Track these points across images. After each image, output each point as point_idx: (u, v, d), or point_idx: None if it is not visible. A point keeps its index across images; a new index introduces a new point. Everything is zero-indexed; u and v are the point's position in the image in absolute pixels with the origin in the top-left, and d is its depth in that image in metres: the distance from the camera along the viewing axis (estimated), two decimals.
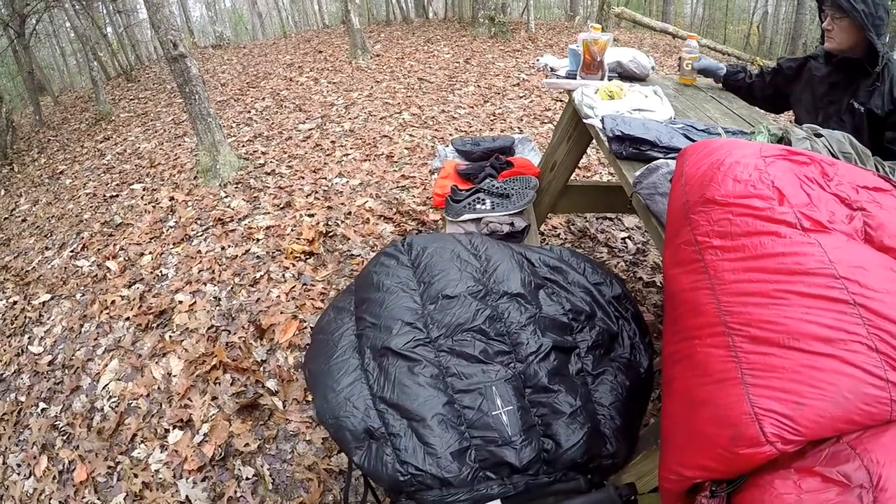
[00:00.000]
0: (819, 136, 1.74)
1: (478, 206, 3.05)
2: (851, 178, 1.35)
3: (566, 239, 4.48)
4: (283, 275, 4.10)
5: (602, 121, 2.37)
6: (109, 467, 2.93)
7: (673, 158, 2.05)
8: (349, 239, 4.49)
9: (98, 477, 2.90)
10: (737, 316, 1.12)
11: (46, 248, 5.55)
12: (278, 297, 3.87)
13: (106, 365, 3.59)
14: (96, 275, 4.63)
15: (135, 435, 3.06)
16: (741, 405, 1.04)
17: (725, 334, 1.12)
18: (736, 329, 1.11)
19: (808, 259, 1.11)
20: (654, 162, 1.93)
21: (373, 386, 1.55)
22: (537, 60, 3.71)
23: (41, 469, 3.06)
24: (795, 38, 18.81)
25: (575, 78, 3.19)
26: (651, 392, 1.79)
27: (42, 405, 3.48)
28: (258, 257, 4.36)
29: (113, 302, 4.15)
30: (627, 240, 4.47)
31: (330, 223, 4.71)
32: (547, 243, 4.28)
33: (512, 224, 2.95)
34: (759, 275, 1.14)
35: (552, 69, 3.48)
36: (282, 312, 3.69)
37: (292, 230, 4.66)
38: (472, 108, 7.96)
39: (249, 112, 8.55)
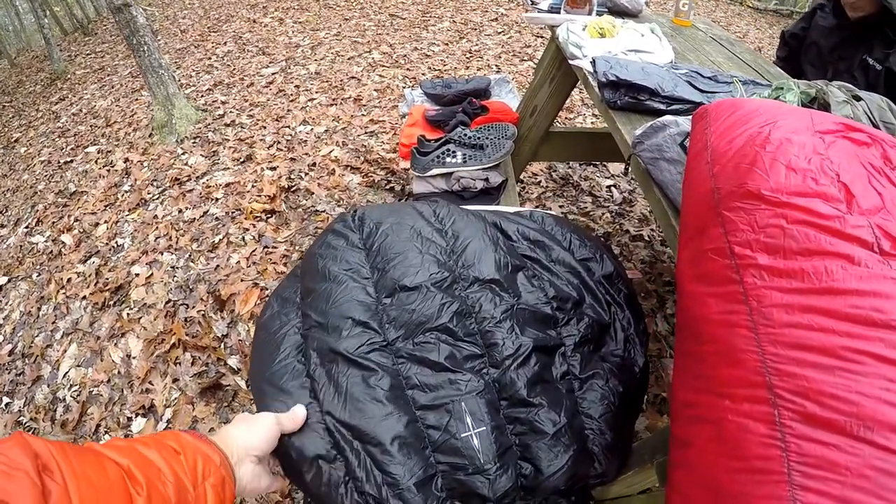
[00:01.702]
0: (858, 98, 1.43)
1: (448, 160, 2.77)
2: None
3: (547, 187, 4.28)
4: (243, 237, 3.93)
5: (593, 62, 2.08)
6: None
7: (676, 113, 1.79)
8: (313, 193, 4.31)
9: None
10: (788, 379, 0.79)
11: (2, 226, 5.42)
12: (238, 262, 3.70)
13: (65, 351, 3.47)
14: (51, 251, 4.47)
15: (98, 425, 2.95)
16: None
17: (770, 403, 0.80)
18: (786, 399, 0.79)
19: (893, 305, 0.78)
20: (660, 119, 1.62)
21: (321, 399, 1.24)
22: None
23: None
24: None
25: (559, 12, 2.90)
26: (645, 393, 1.53)
27: (6, 399, 3.36)
28: (217, 219, 4.17)
29: (69, 280, 4.01)
30: (613, 188, 4.27)
31: (293, 176, 4.53)
32: (526, 195, 4.13)
33: (486, 179, 2.72)
34: (823, 320, 0.80)
35: (533, 2, 3.17)
36: (242, 280, 3.53)
37: (253, 186, 4.47)
38: (447, 45, 7.76)
39: (210, 59, 8.29)
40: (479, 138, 2.82)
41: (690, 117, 1.30)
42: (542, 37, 7.62)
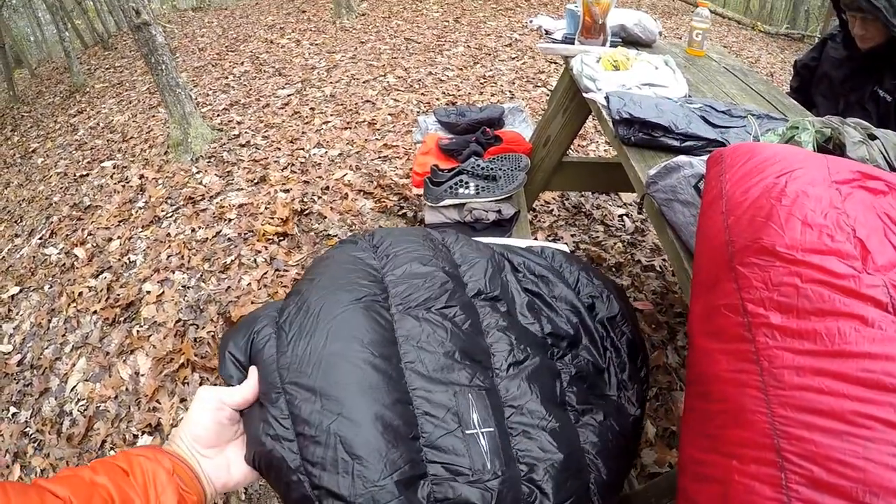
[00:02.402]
0: (873, 137, 1.41)
1: (460, 191, 2.76)
2: None
3: (559, 216, 4.25)
4: (255, 259, 3.93)
5: (607, 99, 2.06)
6: None
7: (690, 150, 1.78)
8: (326, 217, 4.31)
9: None
10: (797, 443, 0.77)
11: (16, 236, 5.43)
12: (249, 284, 3.70)
13: (74, 364, 3.47)
14: (64, 263, 4.48)
15: (104, 441, 2.95)
16: None
17: (777, 466, 0.77)
18: (793, 463, 0.76)
19: None
20: (674, 159, 1.59)
21: (282, 348, 1.01)
22: (530, 21, 3.42)
23: (15, 478, 2.95)
24: (798, 3, 18.60)
25: (573, 42, 2.89)
26: (638, 444, 1.47)
27: (13, 409, 3.36)
28: (229, 239, 4.18)
29: (80, 294, 4.02)
30: (625, 217, 4.24)
31: (306, 199, 4.53)
32: (538, 223, 4.10)
33: (499, 212, 2.69)
34: (834, 383, 0.78)
35: (547, 31, 3.17)
36: (252, 302, 3.53)
37: (266, 208, 4.47)
38: (461, 70, 7.76)
39: (227, 78, 8.34)
40: (492, 169, 2.81)
41: (705, 159, 1.28)
42: (555, 63, 7.59)
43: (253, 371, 0.99)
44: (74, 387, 3.30)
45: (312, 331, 1.01)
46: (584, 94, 2.35)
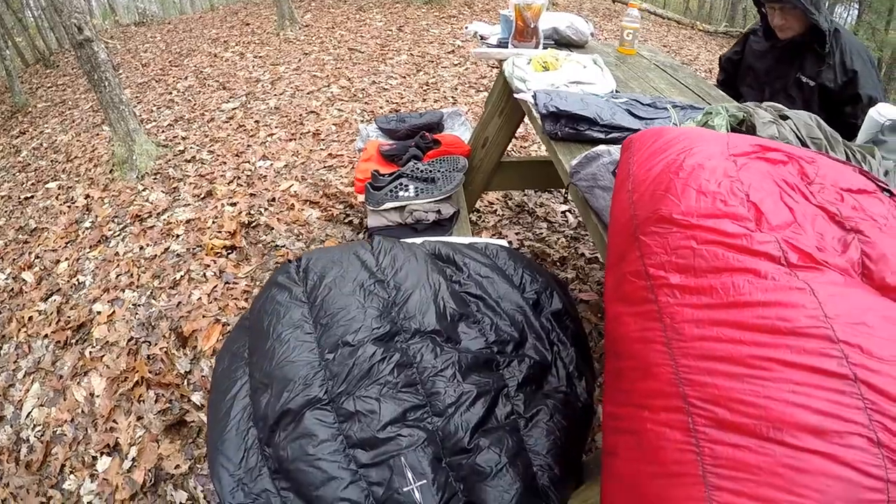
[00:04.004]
0: (785, 117, 1.49)
1: (401, 193, 2.80)
2: (834, 178, 1.09)
3: (503, 215, 4.31)
4: (205, 273, 3.91)
5: (534, 96, 2.12)
6: (41, 503, 2.76)
7: (615, 141, 1.84)
8: (273, 229, 4.31)
9: None
10: (700, 389, 0.84)
11: None
12: (199, 299, 3.68)
13: (27, 390, 3.41)
14: (12, 289, 4.39)
15: (63, 465, 2.89)
16: None
17: (684, 412, 0.84)
18: (698, 407, 0.83)
19: (798, 313, 0.83)
20: (594, 149, 1.67)
21: (271, 466, 1.28)
22: (466, 28, 3.47)
23: None
24: (735, 2, 18.93)
25: (507, 46, 2.96)
26: (591, 426, 1.54)
27: None
28: (178, 255, 4.15)
29: (30, 318, 3.95)
30: (568, 213, 4.31)
31: (253, 212, 4.52)
32: (482, 224, 4.15)
33: (438, 212, 2.74)
34: (731, 331, 0.85)
35: (482, 37, 3.25)
36: (204, 316, 3.51)
37: (213, 222, 4.45)
38: (405, 77, 7.79)
39: (171, 93, 8.25)
40: (430, 171, 2.86)
41: None
42: (497, 68, 7.62)
43: None
44: (30, 413, 3.25)
45: (283, 453, 1.28)
46: (515, 95, 2.40)
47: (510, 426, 1.35)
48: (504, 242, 1.81)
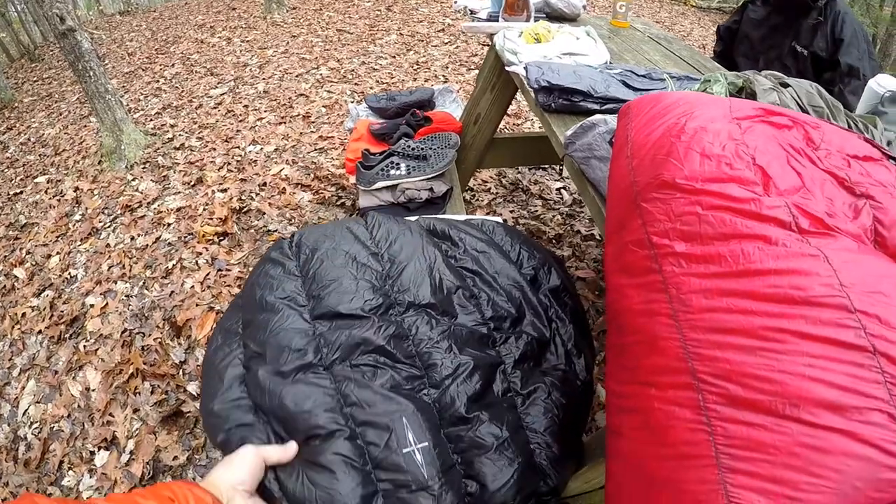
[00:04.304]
0: (785, 85, 1.45)
1: (392, 172, 2.75)
2: (839, 144, 1.03)
3: (497, 193, 4.28)
4: (197, 262, 3.89)
5: (526, 69, 2.07)
6: None
7: (611, 112, 1.79)
8: (264, 213, 4.28)
9: None
10: (710, 363, 0.79)
11: None
12: (192, 287, 3.66)
13: (23, 387, 3.39)
14: (4, 286, 4.36)
15: (62, 462, 2.88)
16: (715, 498, 0.73)
17: (694, 388, 0.79)
18: (709, 383, 0.78)
19: (812, 281, 0.78)
20: (589, 118, 1.62)
21: (265, 426, 1.23)
22: (455, 3, 3.41)
23: None
24: None
25: (497, 20, 2.90)
26: (591, 404, 1.50)
27: None
28: (170, 244, 4.12)
29: (23, 315, 3.92)
30: (563, 190, 4.29)
31: (244, 197, 4.49)
32: (476, 202, 4.12)
33: (431, 189, 2.70)
34: (741, 302, 0.80)
35: (472, 11, 3.20)
36: (197, 305, 3.50)
37: (204, 209, 4.42)
38: (395, 57, 7.74)
39: (158, 81, 8.18)
40: (422, 149, 2.81)
41: None
42: (488, 45, 7.60)
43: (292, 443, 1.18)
44: (26, 410, 3.23)
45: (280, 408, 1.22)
46: (507, 68, 2.36)
47: (507, 403, 1.32)
48: (499, 220, 1.77)
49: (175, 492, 0.91)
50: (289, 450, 1.15)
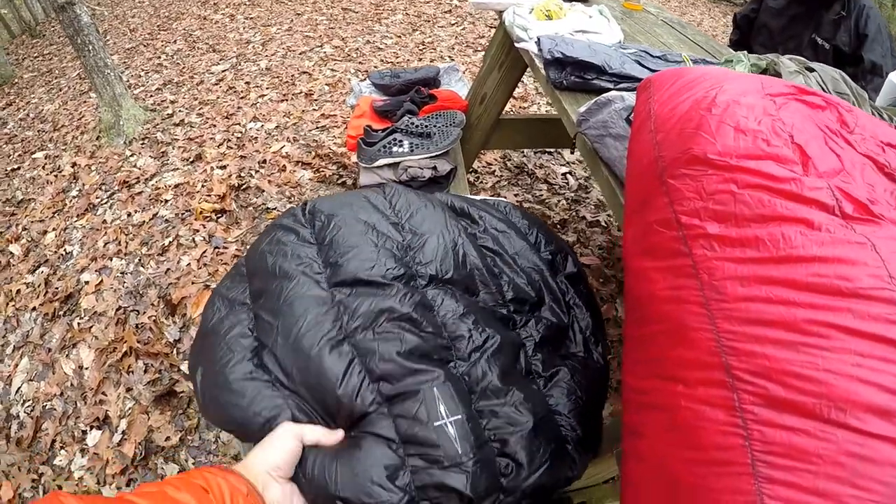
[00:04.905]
0: (811, 70, 1.40)
1: (394, 149, 2.70)
2: (873, 129, 0.96)
3: (501, 176, 4.24)
4: (193, 239, 3.85)
5: (538, 42, 2.02)
6: (33, 480, 2.76)
7: (627, 90, 1.71)
8: (264, 191, 4.24)
9: (24, 492, 2.74)
10: (746, 359, 0.71)
11: None
12: (188, 265, 3.63)
13: (16, 365, 3.36)
14: (0, 262, 4.33)
15: (54, 441, 2.88)
16: None
17: (728, 386, 0.71)
18: (745, 381, 0.70)
19: (860, 271, 0.70)
20: (605, 94, 1.56)
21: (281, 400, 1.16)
22: None
23: None
24: None
25: None
26: (607, 392, 1.45)
27: None
28: (167, 221, 4.09)
29: (18, 291, 3.89)
30: (568, 175, 4.25)
31: (243, 174, 4.45)
32: (480, 185, 4.09)
33: (434, 168, 2.64)
34: (782, 291, 0.72)
35: None
36: (193, 283, 3.47)
37: (203, 186, 4.38)
38: (400, 37, 7.68)
39: (159, 57, 8.11)
40: (426, 126, 2.76)
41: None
42: (495, 27, 7.57)
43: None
44: (19, 388, 3.22)
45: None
46: (517, 45, 2.29)
47: (533, 384, 1.26)
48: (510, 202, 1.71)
49: (209, 480, 0.88)
50: (335, 434, 1.10)
